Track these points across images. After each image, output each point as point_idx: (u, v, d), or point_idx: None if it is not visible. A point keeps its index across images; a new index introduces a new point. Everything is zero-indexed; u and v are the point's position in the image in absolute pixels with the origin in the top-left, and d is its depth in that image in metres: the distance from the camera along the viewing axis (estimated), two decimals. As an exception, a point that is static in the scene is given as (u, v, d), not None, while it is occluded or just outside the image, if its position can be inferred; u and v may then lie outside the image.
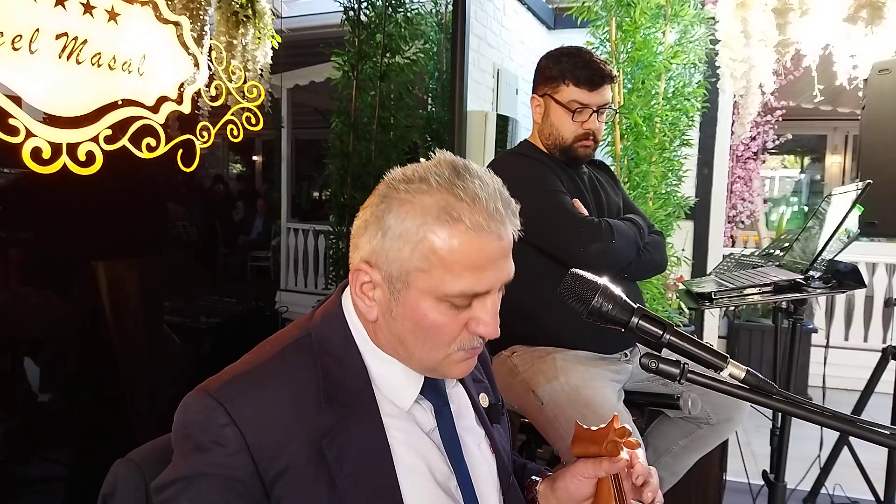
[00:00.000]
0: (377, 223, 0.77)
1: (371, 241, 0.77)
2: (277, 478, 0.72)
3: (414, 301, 0.76)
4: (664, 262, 1.79)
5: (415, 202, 0.75)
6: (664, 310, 3.05)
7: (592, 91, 1.62)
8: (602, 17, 2.91)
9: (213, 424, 0.72)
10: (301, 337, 0.81)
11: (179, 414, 0.76)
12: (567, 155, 1.68)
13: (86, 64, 1.48)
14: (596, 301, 0.82)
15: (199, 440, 0.73)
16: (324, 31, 3.62)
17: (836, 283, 1.68)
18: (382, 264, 0.77)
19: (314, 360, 0.79)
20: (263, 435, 0.73)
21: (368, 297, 0.79)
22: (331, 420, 0.76)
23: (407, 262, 0.75)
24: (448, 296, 0.76)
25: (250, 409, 0.73)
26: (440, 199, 0.74)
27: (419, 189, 0.75)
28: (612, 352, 1.66)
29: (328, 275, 3.45)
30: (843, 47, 1.98)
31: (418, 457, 0.81)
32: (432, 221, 0.74)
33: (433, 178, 0.75)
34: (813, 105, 5.07)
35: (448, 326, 0.78)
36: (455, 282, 0.75)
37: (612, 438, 0.84)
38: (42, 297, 1.72)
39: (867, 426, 0.74)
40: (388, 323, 0.79)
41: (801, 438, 2.22)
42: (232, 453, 0.71)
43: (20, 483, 1.68)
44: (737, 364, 0.78)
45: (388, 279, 0.77)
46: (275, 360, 0.79)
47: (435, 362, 0.81)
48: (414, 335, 0.79)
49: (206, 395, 0.74)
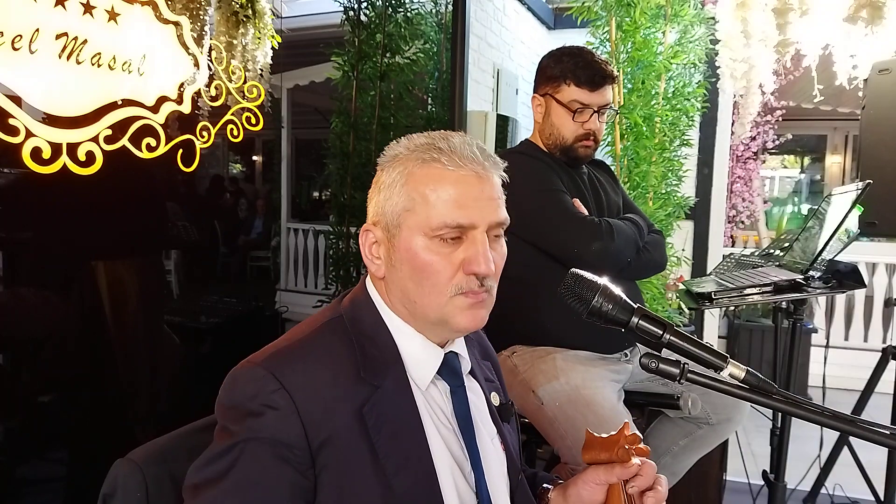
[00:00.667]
0: (375, 186, 0.87)
1: (373, 202, 0.87)
2: (323, 445, 0.75)
3: (406, 241, 0.83)
4: (664, 261, 1.79)
5: (400, 156, 0.85)
6: (664, 310, 3.04)
7: (593, 91, 1.62)
8: (602, 17, 2.91)
9: (263, 391, 0.75)
10: (333, 318, 0.86)
11: (227, 386, 0.78)
12: (567, 155, 1.68)
13: (86, 64, 1.48)
14: (596, 301, 0.82)
15: (249, 407, 0.75)
16: (324, 31, 3.62)
17: (836, 283, 1.68)
18: (380, 217, 0.85)
19: (349, 337, 0.84)
20: (311, 401, 0.75)
21: (375, 255, 0.87)
22: (368, 390, 0.80)
23: (396, 205, 0.83)
24: (433, 229, 0.81)
25: (298, 377, 0.76)
26: (418, 149, 0.84)
27: (402, 151, 0.85)
28: (613, 352, 1.66)
29: (328, 275, 3.44)
30: (843, 47, 1.98)
31: (439, 434, 0.85)
32: (412, 164, 0.83)
33: (416, 139, 0.86)
34: (813, 105, 5.07)
35: (440, 264, 0.82)
36: (438, 215, 0.81)
37: (623, 444, 0.86)
38: (42, 297, 1.72)
39: (867, 426, 0.74)
40: (392, 275, 0.86)
41: (801, 438, 2.22)
42: (283, 416, 0.74)
43: (20, 483, 1.68)
44: (737, 364, 0.78)
45: (385, 229, 0.85)
46: (314, 337, 0.83)
47: (439, 309, 0.84)
48: (412, 280, 0.83)
49: (253, 365, 0.78)
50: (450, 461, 0.84)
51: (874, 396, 2.13)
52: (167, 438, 0.89)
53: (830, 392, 2.81)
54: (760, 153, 5.54)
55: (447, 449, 0.85)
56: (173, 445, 0.88)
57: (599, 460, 0.89)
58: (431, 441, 0.83)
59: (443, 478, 0.82)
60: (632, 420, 1.53)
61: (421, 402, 0.85)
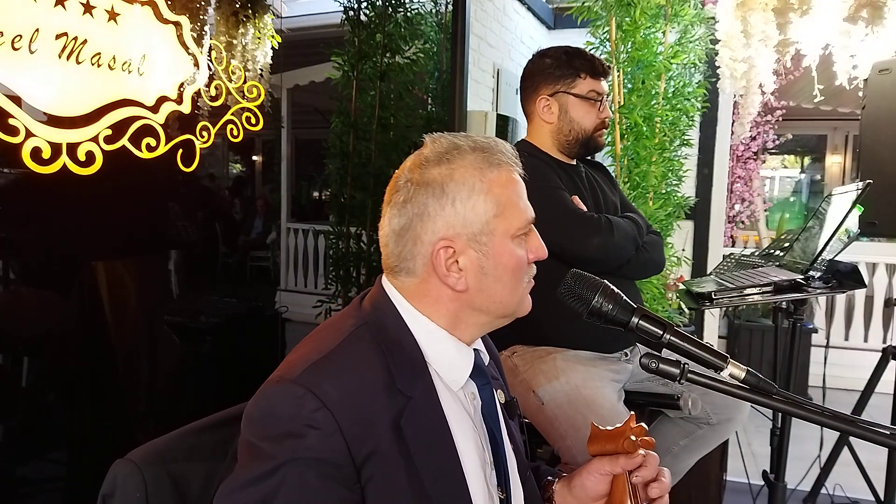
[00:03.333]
0: (439, 199, 0.82)
1: (440, 216, 0.82)
2: (367, 459, 0.74)
3: (500, 246, 0.84)
4: (662, 261, 1.79)
5: (464, 165, 0.83)
6: (664, 310, 3.04)
7: (601, 81, 1.70)
8: (602, 17, 2.91)
9: (304, 410, 0.72)
10: (359, 326, 0.83)
11: (261, 404, 0.76)
12: (588, 146, 1.72)
13: (86, 64, 1.48)
14: (596, 301, 0.82)
15: (289, 427, 0.72)
16: (324, 31, 3.62)
17: (836, 283, 1.68)
18: (462, 229, 0.83)
19: (377, 345, 0.81)
20: (352, 417, 0.74)
21: (456, 270, 0.83)
22: (402, 400, 0.78)
23: (484, 213, 0.83)
24: (519, 229, 0.85)
25: (336, 393, 0.74)
26: (478, 155, 0.84)
27: (457, 156, 0.84)
28: (613, 352, 1.66)
29: (328, 275, 3.44)
30: (844, 47, 1.98)
31: (465, 437, 0.84)
32: (487, 170, 0.84)
33: (457, 144, 0.85)
34: (813, 105, 5.07)
35: (523, 260, 0.86)
36: (520, 214, 0.85)
37: (628, 435, 0.87)
38: (42, 297, 1.72)
39: (867, 426, 0.74)
40: (480, 283, 0.84)
41: (801, 438, 2.22)
42: (327, 435, 0.72)
43: (20, 483, 1.68)
44: (737, 364, 0.78)
45: (472, 239, 0.83)
46: (344, 348, 0.80)
47: (517, 301, 0.88)
48: (502, 282, 0.85)
49: (289, 383, 0.75)
50: (476, 467, 0.84)
51: (874, 396, 2.13)
52: (167, 438, 0.89)
53: (830, 392, 2.81)
54: (760, 153, 5.54)
55: (474, 453, 0.85)
56: (173, 445, 0.88)
57: (605, 451, 0.89)
58: (459, 447, 0.82)
59: (471, 483, 0.82)
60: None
61: (447, 407, 0.84)
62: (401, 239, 0.84)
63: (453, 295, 0.84)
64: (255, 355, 2.60)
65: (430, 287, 0.85)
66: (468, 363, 0.87)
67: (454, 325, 0.86)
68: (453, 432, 0.82)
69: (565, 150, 1.71)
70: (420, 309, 0.85)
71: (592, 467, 0.90)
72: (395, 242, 0.85)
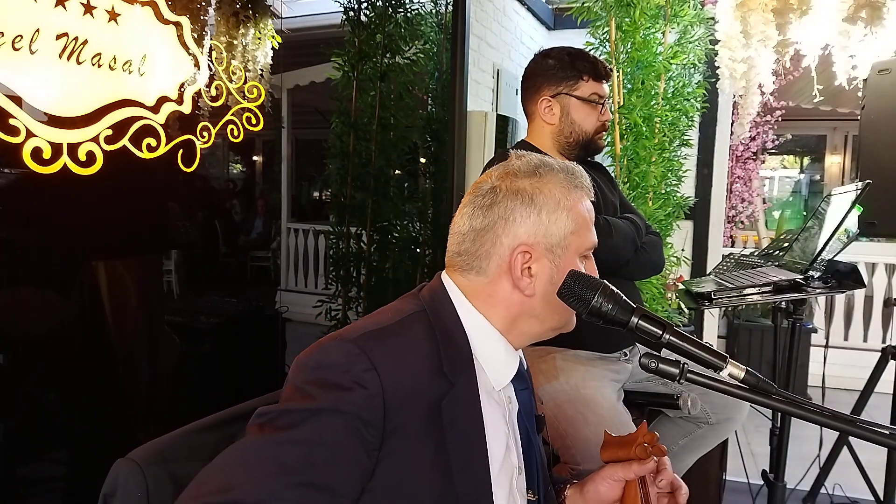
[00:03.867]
0: (527, 207, 0.88)
1: (525, 222, 0.88)
2: (394, 431, 0.76)
3: (570, 261, 0.90)
4: (661, 262, 1.79)
5: (554, 181, 0.90)
6: (664, 310, 3.05)
7: (603, 84, 1.70)
8: (602, 18, 2.91)
9: (355, 367, 0.76)
10: (417, 311, 0.88)
11: (316, 354, 0.79)
12: (588, 149, 1.72)
13: (86, 64, 1.48)
14: (596, 301, 0.82)
15: (338, 380, 0.76)
16: (324, 31, 3.62)
17: (835, 283, 1.68)
18: (542, 238, 0.88)
19: (431, 331, 0.85)
20: (397, 385, 0.77)
21: (528, 275, 0.88)
22: (446, 385, 0.82)
23: (564, 227, 0.89)
24: (587, 249, 0.93)
25: (387, 361, 0.78)
26: (565, 176, 0.91)
27: (547, 172, 0.91)
28: (612, 351, 1.66)
29: (328, 275, 3.44)
30: (843, 47, 1.98)
31: (497, 437, 0.87)
32: (572, 190, 0.91)
33: (547, 162, 0.92)
34: (812, 105, 5.07)
35: None
36: (590, 236, 0.93)
37: (641, 442, 0.90)
38: (42, 297, 1.72)
39: (867, 426, 0.74)
40: (547, 292, 0.88)
41: (800, 438, 2.22)
42: (371, 395, 0.75)
43: (20, 483, 1.68)
44: (736, 364, 0.78)
45: (549, 250, 0.89)
46: (402, 324, 0.84)
47: (569, 317, 0.93)
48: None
49: (346, 341, 0.79)
50: (503, 467, 0.86)
51: (874, 396, 2.13)
52: (167, 438, 0.89)
53: (830, 392, 2.82)
54: (760, 153, 5.54)
55: (503, 454, 0.87)
56: (174, 445, 0.88)
57: (617, 458, 0.92)
58: (490, 445, 0.85)
59: (495, 483, 0.84)
60: (631, 420, 1.53)
61: (485, 404, 0.86)
62: (479, 238, 0.89)
63: (519, 300, 0.89)
64: (256, 355, 2.60)
65: (498, 289, 0.89)
66: (514, 365, 0.91)
67: (509, 328, 0.90)
68: (486, 430, 0.85)
69: (565, 152, 1.71)
70: (479, 308, 0.89)
71: (605, 473, 0.94)
72: (472, 241, 0.90)
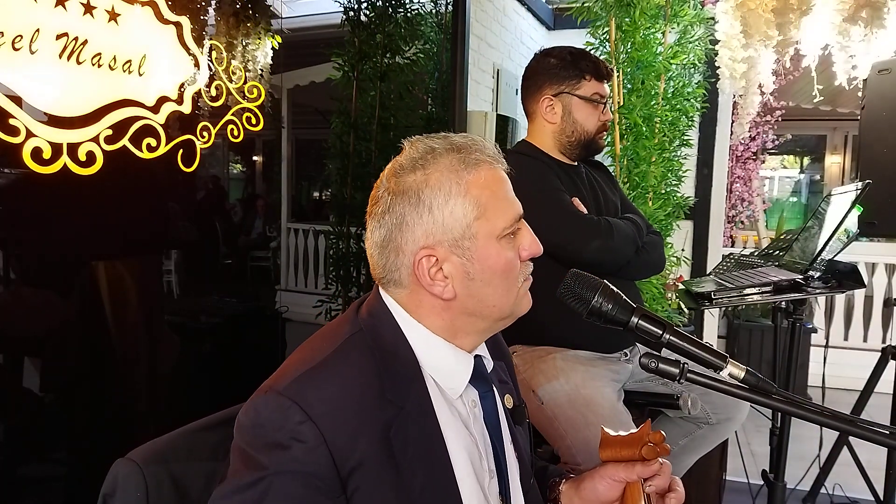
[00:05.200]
0: (415, 207, 0.80)
1: (418, 225, 0.81)
2: (353, 471, 0.74)
3: (484, 250, 0.81)
4: (662, 262, 1.79)
5: (439, 168, 0.81)
6: (664, 310, 3.05)
7: (604, 83, 1.70)
8: (602, 18, 2.92)
9: (289, 422, 0.72)
10: (354, 333, 0.82)
11: (249, 415, 0.76)
12: (589, 148, 1.72)
13: (86, 64, 1.49)
14: (596, 301, 0.82)
15: (274, 438, 0.73)
16: (324, 31, 3.62)
17: (835, 283, 1.68)
18: (442, 236, 0.81)
19: (371, 353, 0.80)
20: (338, 429, 0.73)
21: (440, 278, 0.82)
22: (393, 410, 0.77)
23: (463, 217, 0.80)
24: (504, 229, 0.82)
25: (323, 405, 0.74)
26: (453, 156, 0.81)
27: (431, 161, 0.81)
28: (612, 351, 1.66)
29: (328, 275, 3.44)
30: (843, 47, 1.98)
31: (461, 446, 0.83)
32: (464, 172, 0.81)
33: (432, 146, 0.82)
34: (812, 105, 5.08)
35: (514, 259, 0.84)
36: (504, 213, 0.82)
37: (647, 442, 0.85)
38: (42, 297, 1.72)
39: (867, 426, 0.74)
40: (468, 288, 0.82)
41: (800, 438, 2.22)
42: (311, 448, 0.72)
43: (20, 483, 1.68)
44: (736, 364, 0.78)
45: (454, 245, 0.81)
46: (337, 356, 0.79)
47: (511, 303, 0.86)
48: (492, 285, 0.83)
49: (276, 394, 0.75)
50: (471, 476, 0.83)
51: (874, 396, 2.13)
52: (167, 438, 0.89)
53: (830, 392, 2.82)
54: (760, 153, 5.54)
55: (470, 464, 0.83)
56: (173, 445, 0.88)
57: (619, 457, 0.88)
58: (454, 457, 0.81)
59: (465, 493, 0.81)
60: (631, 420, 1.53)
61: (442, 416, 0.82)
62: (384, 251, 0.83)
63: (443, 304, 0.83)
64: (256, 355, 2.60)
65: (421, 297, 0.84)
66: (467, 371, 0.86)
67: (452, 333, 0.85)
68: (448, 441, 0.81)
69: (566, 152, 1.71)
70: (417, 318, 0.84)
71: (606, 472, 0.89)
72: (378, 255, 0.84)
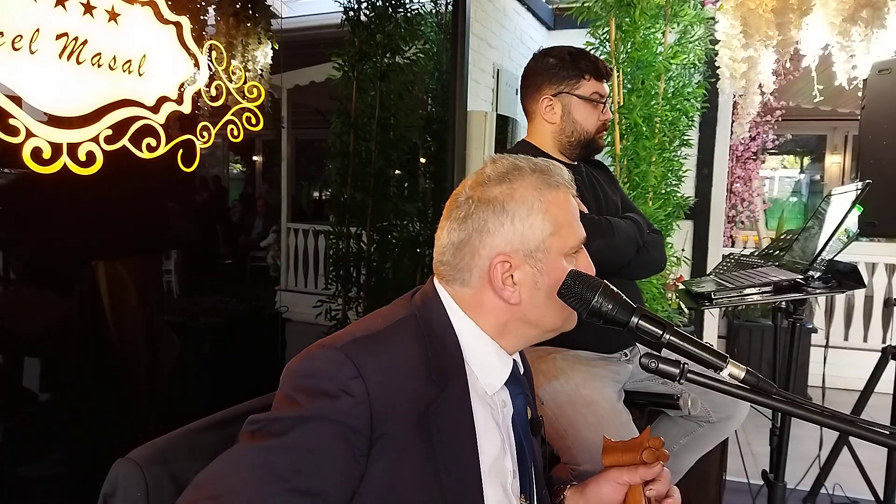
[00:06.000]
0: (499, 216, 0.87)
1: (499, 232, 0.87)
2: (381, 437, 0.77)
3: (554, 263, 0.88)
4: (663, 261, 1.79)
5: (525, 185, 0.88)
6: (664, 310, 3.05)
7: (604, 83, 1.70)
8: (602, 18, 2.92)
9: (342, 375, 0.76)
10: (408, 316, 0.87)
11: (304, 362, 0.79)
12: (588, 148, 1.72)
13: (86, 64, 1.49)
14: (596, 301, 0.82)
15: (325, 387, 0.76)
16: (324, 31, 3.62)
17: (835, 283, 1.68)
18: (519, 245, 0.87)
19: (422, 336, 0.85)
20: (383, 393, 0.77)
21: (511, 284, 0.87)
22: (435, 391, 0.82)
23: (541, 231, 0.87)
24: (572, 248, 0.90)
25: (375, 368, 0.78)
26: (537, 177, 0.89)
27: (517, 177, 0.89)
28: (613, 351, 1.66)
29: (328, 275, 3.44)
30: (843, 47, 1.98)
31: (489, 441, 0.87)
32: (546, 191, 0.89)
33: (518, 166, 0.90)
34: (812, 105, 5.07)
35: None
36: (574, 234, 0.90)
37: (648, 446, 0.89)
38: (42, 297, 1.72)
39: (867, 426, 0.74)
40: (533, 297, 0.87)
41: (800, 438, 2.22)
42: (357, 403, 0.75)
43: (20, 483, 1.68)
44: (736, 364, 0.78)
45: (529, 255, 0.87)
46: (391, 331, 0.84)
47: (564, 318, 0.91)
48: (553, 297, 0.87)
49: (333, 349, 0.79)
50: (495, 472, 0.86)
51: (874, 396, 2.13)
52: (167, 438, 0.89)
53: (830, 392, 2.82)
54: (760, 153, 5.54)
55: (496, 459, 0.86)
56: (174, 445, 0.88)
57: (621, 462, 0.92)
58: (482, 450, 0.84)
59: (487, 487, 0.83)
60: (631, 420, 1.53)
61: (477, 410, 0.86)
62: (458, 251, 0.89)
63: (506, 307, 0.88)
64: (256, 355, 2.60)
65: (484, 298, 0.89)
66: (506, 370, 0.90)
67: (500, 333, 0.89)
68: (478, 435, 0.85)
69: (566, 152, 1.71)
70: (469, 315, 0.89)
71: (610, 476, 0.93)
72: (452, 254, 0.89)
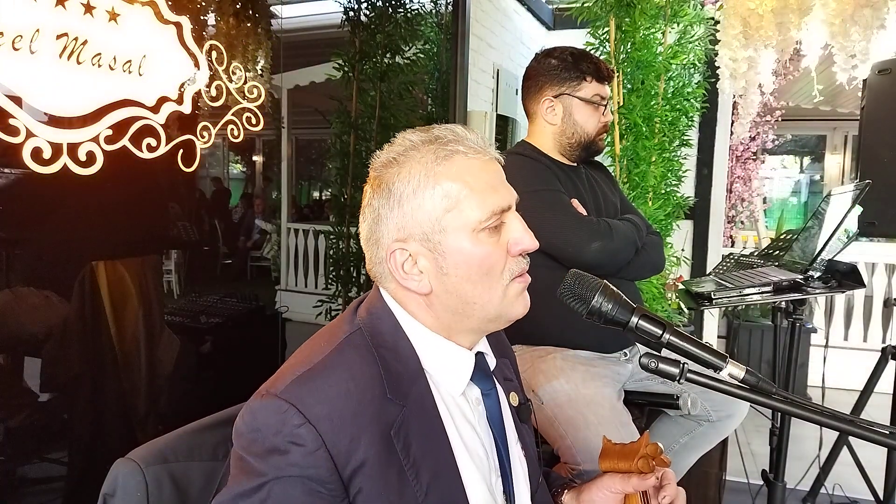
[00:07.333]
0: (387, 201, 0.80)
1: (390, 219, 0.80)
2: (354, 473, 0.72)
3: (456, 244, 0.78)
4: (662, 262, 1.79)
5: (412, 161, 0.79)
6: (664, 310, 3.05)
7: (605, 85, 1.69)
8: (602, 18, 2.92)
9: (287, 426, 0.71)
10: (353, 332, 0.81)
11: (246, 419, 0.74)
12: (589, 149, 1.72)
13: (86, 64, 1.49)
14: (596, 301, 0.82)
15: (273, 443, 0.71)
16: (324, 31, 3.62)
17: (835, 283, 1.68)
18: (413, 229, 0.79)
19: (371, 352, 0.79)
20: (337, 431, 0.72)
21: (415, 272, 0.80)
22: (395, 410, 0.76)
23: (433, 210, 0.78)
24: (480, 222, 0.78)
25: (321, 407, 0.72)
26: (429, 148, 0.79)
27: (406, 153, 0.80)
28: (613, 351, 1.66)
29: (328, 275, 3.44)
30: (843, 47, 1.98)
31: (466, 443, 0.82)
32: (434, 164, 0.78)
33: (412, 140, 0.81)
34: (812, 105, 5.08)
35: (494, 254, 0.80)
36: (479, 205, 0.78)
37: (643, 455, 0.85)
38: (42, 297, 1.72)
39: (866, 426, 0.74)
40: (444, 284, 0.80)
41: (800, 438, 2.22)
42: (310, 452, 0.70)
43: (20, 483, 1.68)
44: (736, 364, 0.78)
45: (424, 239, 0.79)
46: (335, 356, 0.77)
47: (497, 304, 0.82)
48: (471, 281, 0.80)
49: (273, 397, 0.73)
50: (477, 474, 0.81)
51: (874, 396, 2.14)
52: (167, 438, 0.89)
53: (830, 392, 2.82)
54: (760, 153, 5.54)
55: (472, 461, 0.82)
56: (174, 445, 0.88)
57: (617, 469, 0.88)
58: (458, 454, 0.80)
59: (471, 491, 0.79)
60: (631, 420, 1.54)
61: (446, 414, 0.81)
62: (368, 245, 0.83)
63: (423, 299, 0.81)
64: (256, 355, 2.61)
65: (404, 293, 0.82)
66: (467, 368, 0.84)
67: (448, 331, 0.83)
68: (451, 439, 0.80)
69: (566, 153, 1.71)
70: (412, 315, 0.83)
71: (604, 483, 0.90)
72: (367, 249, 0.84)
